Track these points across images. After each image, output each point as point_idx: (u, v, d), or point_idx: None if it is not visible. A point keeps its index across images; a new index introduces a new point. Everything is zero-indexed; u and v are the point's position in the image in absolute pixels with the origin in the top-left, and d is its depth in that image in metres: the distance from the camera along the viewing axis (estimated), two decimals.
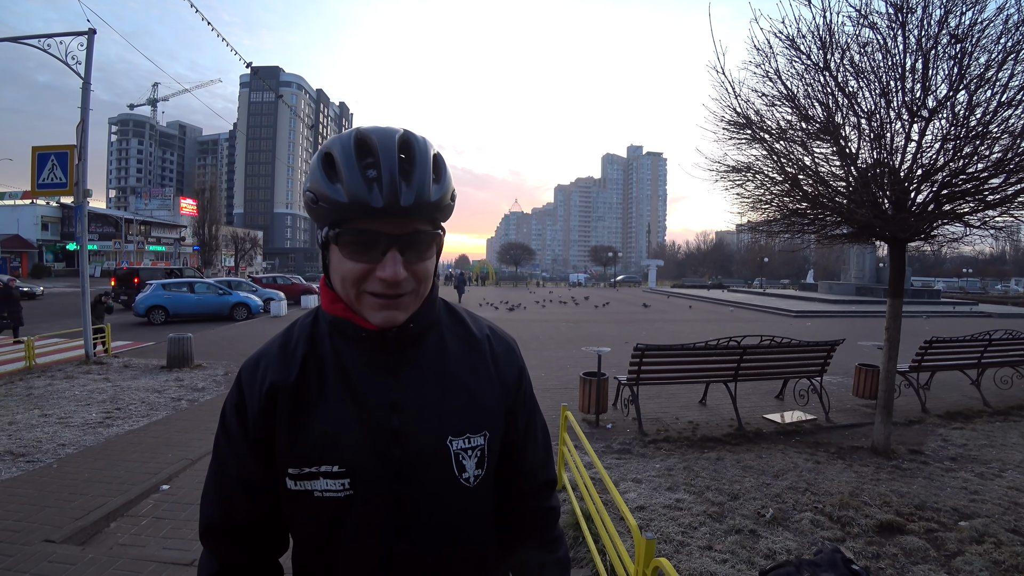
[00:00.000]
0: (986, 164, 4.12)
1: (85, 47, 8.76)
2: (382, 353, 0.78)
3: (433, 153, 0.74)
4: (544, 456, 0.94)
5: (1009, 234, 11.79)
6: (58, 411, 5.83)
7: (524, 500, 0.92)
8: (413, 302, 0.76)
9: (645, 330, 15.44)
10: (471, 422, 0.80)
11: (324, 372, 0.78)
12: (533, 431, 0.92)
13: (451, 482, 0.78)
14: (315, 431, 0.75)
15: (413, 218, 0.71)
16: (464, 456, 0.78)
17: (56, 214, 50.41)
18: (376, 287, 0.72)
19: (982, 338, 7.17)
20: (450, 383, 0.81)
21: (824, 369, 6.14)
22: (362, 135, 0.71)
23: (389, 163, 0.69)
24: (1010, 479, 4.30)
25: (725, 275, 67.63)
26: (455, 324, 0.88)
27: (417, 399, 0.78)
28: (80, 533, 3.21)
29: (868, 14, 4.16)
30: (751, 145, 4.98)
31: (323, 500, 0.74)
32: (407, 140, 0.72)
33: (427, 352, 0.82)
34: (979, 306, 27.83)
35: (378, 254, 0.71)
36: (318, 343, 0.81)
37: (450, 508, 0.79)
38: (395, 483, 0.75)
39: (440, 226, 0.77)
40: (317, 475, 0.74)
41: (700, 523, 3.40)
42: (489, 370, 0.85)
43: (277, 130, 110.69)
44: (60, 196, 11.85)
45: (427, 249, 0.74)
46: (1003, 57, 3.87)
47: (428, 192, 0.70)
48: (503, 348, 0.89)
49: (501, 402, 0.85)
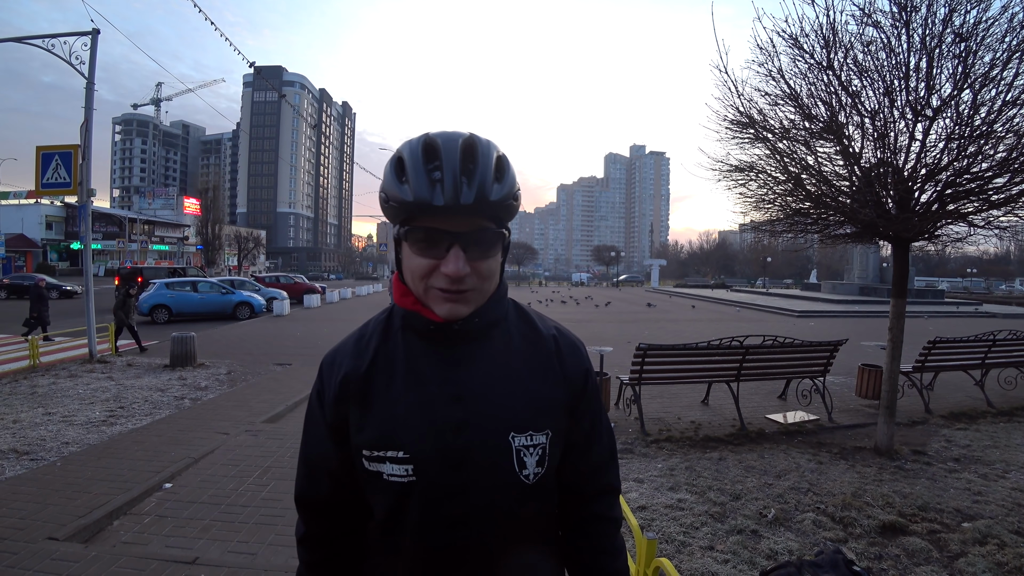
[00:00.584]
0: (990, 163, 4.10)
1: (89, 47, 8.80)
2: (448, 346, 0.82)
3: (496, 155, 0.77)
4: (608, 461, 0.93)
5: (1014, 234, 11.66)
6: (62, 409, 5.86)
7: (584, 504, 0.91)
8: (477, 298, 0.79)
9: (648, 330, 15.42)
10: (534, 420, 0.81)
11: (394, 363, 0.83)
12: (598, 434, 0.91)
13: (511, 477, 0.79)
14: (382, 418, 0.80)
15: (475, 216, 0.74)
16: (525, 453, 0.80)
17: (60, 213, 50.69)
18: (441, 282, 0.76)
19: (986, 338, 7.13)
20: (514, 379, 0.83)
21: (827, 369, 6.12)
22: (429, 139, 0.76)
23: (451, 164, 0.73)
24: (1014, 480, 4.28)
25: (728, 275, 67.49)
26: (522, 323, 0.90)
27: (481, 393, 0.81)
28: (83, 531, 3.22)
29: (872, 13, 4.14)
30: (754, 144, 4.96)
31: (390, 483, 0.79)
32: (471, 143, 0.76)
33: (493, 347, 0.84)
34: (983, 306, 27.71)
35: (442, 250, 0.75)
36: (390, 336, 0.86)
37: (509, 502, 0.80)
38: (455, 473, 0.78)
39: (505, 225, 0.80)
40: (384, 459, 0.79)
41: (702, 523, 3.40)
42: (554, 369, 0.86)
43: (280, 130, 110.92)
44: (64, 196, 11.91)
45: (490, 247, 0.78)
46: (1008, 56, 3.84)
47: (488, 191, 0.73)
48: (569, 348, 0.89)
49: (565, 401, 0.86)
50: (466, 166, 0.74)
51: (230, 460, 4.46)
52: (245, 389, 7.11)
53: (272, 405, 6.19)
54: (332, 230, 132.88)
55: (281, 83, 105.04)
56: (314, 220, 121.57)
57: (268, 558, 2.96)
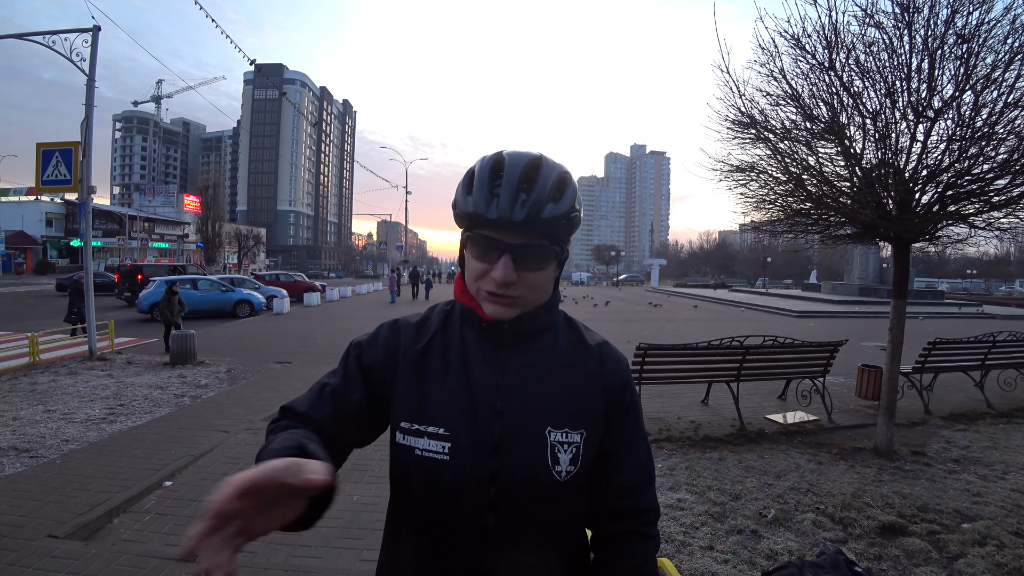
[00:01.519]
0: (992, 165, 4.10)
1: (89, 44, 8.78)
2: (500, 343, 0.88)
3: (558, 176, 0.82)
4: (645, 481, 0.92)
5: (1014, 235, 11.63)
6: (61, 407, 5.86)
7: (617, 521, 0.90)
8: (523, 305, 0.85)
9: (648, 329, 15.42)
10: (571, 418, 0.85)
11: (448, 349, 0.89)
12: (634, 448, 0.92)
13: (544, 471, 0.82)
14: (431, 394, 0.85)
15: (526, 232, 0.79)
16: (560, 449, 0.83)
17: (60, 211, 50.63)
18: (490, 286, 0.82)
19: (986, 339, 7.14)
20: (556, 379, 0.88)
21: (827, 370, 6.13)
22: (500, 157, 0.82)
23: (511, 182, 0.79)
24: (1013, 481, 4.28)
25: (728, 275, 67.52)
26: (571, 331, 0.95)
27: (523, 387, 0.86)
28: (83, 529, 3.22)
29: (874, 13, 4.13)
30: (755, 145, 4.96)
31: (423, 458, 0.82)
32: (535, 163, 0.81)
33: (539, 348, 0.90)
34: (983, 307, 27.71)
35: (495, 258, 0.81)
36: (450, 325, 0.92)
37: (539, 496, 0.82)
38: (491, 457, 0.81)
39: (560, 242, 0.84)
40: (423, 433, 0.83)
41: (702, 523, 3.40)
42: (595, 373, 0.90)
43: (280, 127, 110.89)
44: (64, 193, 11.88)
45: (538, 261, 0.82)
46: (1010, 58, 3.84)
47: (541, 210, 0.79)
48: (612, 359, 0.93)
49: (602, 405, 0.89)
50: (525, 185, 0.79)
51: (230, 458, 4.46)
52: (245, 387, 7.11)
53: (272, 404, 6.19)
54: (332, 228, 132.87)
55: (282, 81, 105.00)
56: (314, 218, 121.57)
57: (268, 556, 2.96)
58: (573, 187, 0.83)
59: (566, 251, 0.87)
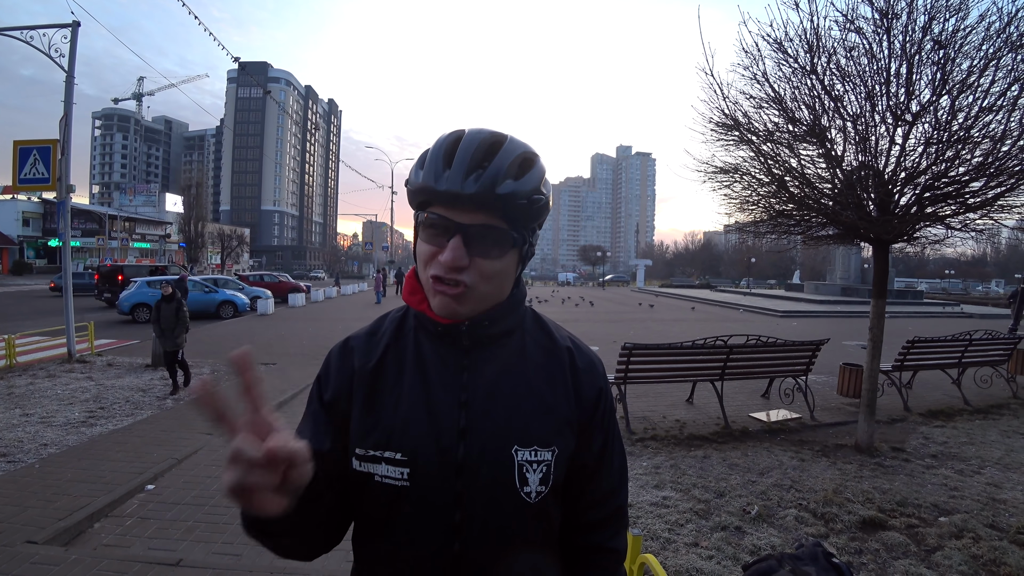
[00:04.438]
0: (967, 168, 4.21)
1: (69, 40, 8.61)
2: (459, 350, 0.80)
3: (523, 153, 0.74)
4: (617, 488, 0.87)
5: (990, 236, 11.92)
6: (40, 410, 5.74)
7: (587, 531, 0.86)
8: (475, 298, 0.75)
9: (634, 329, 15.53)
10: (541, 435, 0.77)
11: (403, 362, 0.81)
12: (609, 457, 0.85)
13: (511, 493, 0.75)
14: (385, 417, 0.78)
15: (483, 210, 0.72)
16: (528, 469, 0.76)
17: (38, 210, 49.48)
18: (438, 270, 0.73)
19: (963, 338, 7.31)
20: (524, 391, 0.79)
21: (809, 368, 6.23)
22: (458, 132, 0.75)
23: (466, 154, 0.72)
24: (988, 476, 4.40)
25: (713, 275, 68.18)
26: (539, 333, 0.86)
27: (487, 401, 0.78)
28: (64, 534, 3.16)
29: (854, 19, 4.22)
30: (739, 147, 5.04)
31: (382, 486, 0.76)
32: (495, 139, 0.74)
33: (505, 355, 0.81)
34: (960, 307, 28.35)
35: (445, 240, 0.73)
36: (403, 335, 0.84)
37: (508, 519, 0.76)
38: (454, 481, 0.75)
39: (520, 228, 0.75)
40: (380, 459, 0.76)
41: (687, 520, 3.44)
42: (567, 384, 0.82)
43: (265, 126, 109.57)
44: (42, 192, 11.63)
45: (495, 246, 0.74)
46: (984, 63, 3.95)
47: (496, 185, 0.71)
48: (585, 364, 0.85)
49: (575, 419, 0.81)
50: (482, 158, 0.72)
51: (214, 461, 4.40)
52: (229, 389, 7.00)
53: None
54: (317, 228, 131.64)
55: (266, 79, 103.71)
56: (299, 218, 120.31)
57: (253, 559, 2.93)
58: (540, 169, 0.76)
59: (530, 241, 0.78)
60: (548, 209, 0.78)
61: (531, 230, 0.78)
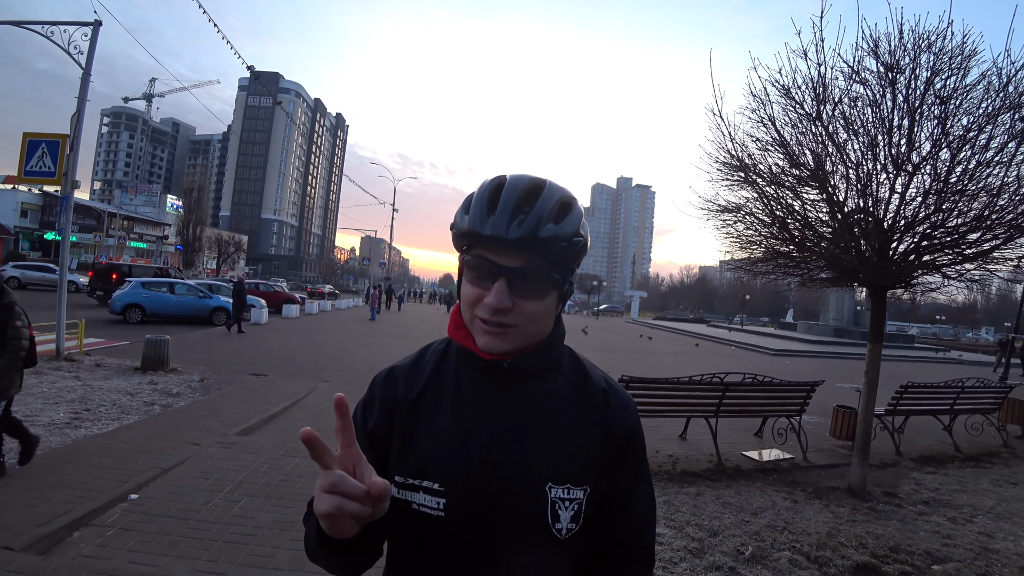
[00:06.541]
0: (965, 219, 4.30)
1: (89, 38, 8.72)
2: (498, 385, 0.82)
3: (561, 198, 0.77)
4: (643, 528, 0.87)
5: (983, 285, 12.13)
6: (24, 408, 5.61)
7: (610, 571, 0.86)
8: (519, 337, 0.78)
9: (628, 360, 15.51)
10: (574, 474, 0.79)
11: (443, 394, 0.84)
12: (635, 498, 0.86)
13: (543, 529, 0.77)
14: (424, 447, 0.80)
15: (525, 253, 0.75)
16: (561, 506, 0.78)
17: (37, 201, 49.20)
18: (483, 312, 0.76)
19: (955, 385, 7.35)
20: (559, 428, 0.81)
21: (803, 409, 6.23)
22: (501, 178, 0.79)
23: (509, 200, 0.75)
24: (980, 525, 4.38)
25: (707, 310, 68.48)
26: (575, 371, 0.88)
27: (523, 436, 0.80)
28: (42, 541, 3.06)
29: (860, 71, 4.36)
30: (743, 187, 5.13)
31: (419, 514, 0.78)
32: (536, 184, 0.78)
33: (541, 391, 0.83)
34: (959, 354, 28.59)
35: (489, 282, 0.76)
36: (445, 367, 0.87)
37: (539, 554, 0.78)
38: (488, 513, 0.77)
39: (561, 269, 0.78)
40: (418, 488, 0.79)
41: (680, 558, 3.39)
42: (599, 423, 0.84)
43: (271, 135, 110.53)
44: (45, 185, 11.59)
45: (536, 287, 0.76)
46: (984, 120, 4.07)
47: (539, 229, 0.74)
48: (618, 404, 0.87)
49: (605, 458, 0.83)
50: (524, 203, 0.75)
51: (201, 472, 4.31)
52: (219, 398, 6.92)
53: (247, 416, 6.04)
54: (315, 240, 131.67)
55: (277, 89, 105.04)
56: (298, 229, 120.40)
57: None
58: (578, 212, 0.78)
59: (570, 281, 0.81)
60: (586, 250, 0.81)
61: (571, 270, 0.81)
